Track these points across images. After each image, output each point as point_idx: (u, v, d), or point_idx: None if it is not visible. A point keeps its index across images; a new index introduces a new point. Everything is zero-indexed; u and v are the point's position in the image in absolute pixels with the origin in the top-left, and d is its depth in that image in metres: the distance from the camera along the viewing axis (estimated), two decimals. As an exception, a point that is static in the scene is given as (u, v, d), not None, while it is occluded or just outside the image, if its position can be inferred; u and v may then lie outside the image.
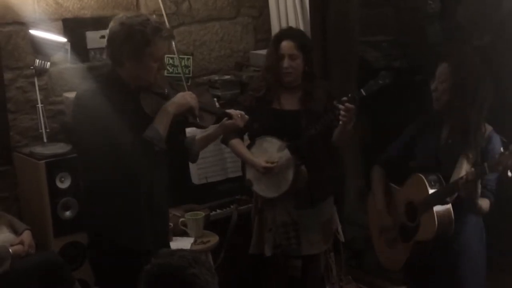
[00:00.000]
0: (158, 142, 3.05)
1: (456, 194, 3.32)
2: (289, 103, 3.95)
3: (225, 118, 3.34)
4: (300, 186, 3.90)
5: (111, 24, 3.10)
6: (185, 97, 3.16)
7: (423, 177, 3.41)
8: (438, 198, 3.35)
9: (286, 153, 3.86)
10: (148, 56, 3.04)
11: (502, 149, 3.13)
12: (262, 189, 3.97)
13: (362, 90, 3.73)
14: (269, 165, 3.86)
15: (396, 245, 3.60)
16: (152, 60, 3.06)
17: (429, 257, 3.47)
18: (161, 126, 3.07)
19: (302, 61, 3.89)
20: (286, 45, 3.88)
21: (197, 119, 3.19)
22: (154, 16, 4.32)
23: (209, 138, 3.45)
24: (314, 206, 4.01)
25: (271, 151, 3.89)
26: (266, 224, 4.01)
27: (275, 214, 3.98)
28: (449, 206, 3.35)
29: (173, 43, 4.63)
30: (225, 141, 4.05)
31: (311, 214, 4.01)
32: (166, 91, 3.16)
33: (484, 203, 3.33)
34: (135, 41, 3.01)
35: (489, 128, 3.40)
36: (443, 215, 3.34)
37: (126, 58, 3.05)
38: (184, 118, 3.19)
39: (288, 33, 4.01)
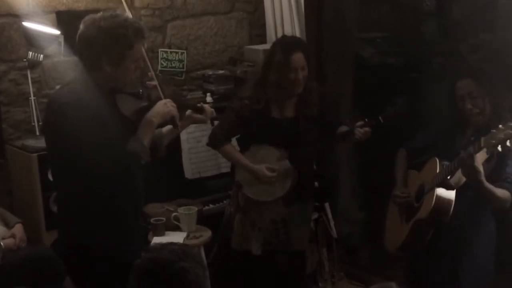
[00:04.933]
0: (144, 155, 3.00)
1: (462, 181, 3.34)
2: (286, 110, 3.93)
3: (190, 111, 3.29)
4: (292, 186, 3.92)
5: (84, 27, 2.97)
6: (167, 106, 3.08)
7: (437, 160, 3.46)
8: (441, 177, 3.38)
9: (285, 163, 3.86)
10: (129, 59, 2.98)
11: (500, 126, 3.14)
12: (253, 192, 3.94)
13: (380, 118, 3.79)
14: (273, 174, 3.85)
15: (400, 226, 3.63)
16: (132, 62, 3.00)
17: (433, 254, 3.52)
18: (145, 138, 3.01)
19: (307, 69, 3.88)
20: (298, 58, 3.80)
21: (178, 126, 3.16)
22: (128, 13, 4.28)
23: (175, 131, 3.32)
24: (302, 202, 4.02)
25: (268, 159, 3.88)
26: (251, 223, 3.98)
27: (262, 213, 3.97)
28: (453, 192, 3.36)
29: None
30: (214, 146, 3.98)
31: (299, 210, 4.02)
32: (141, 91, 3.11)
33: (501, 192, 3.31)
34: (119, 46, 2.93)
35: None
36: (442, 197, 3.37)
37: (105, 62, 2.95)
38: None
39: (296, 45, 3.90)
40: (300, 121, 3.90)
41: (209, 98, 4.81)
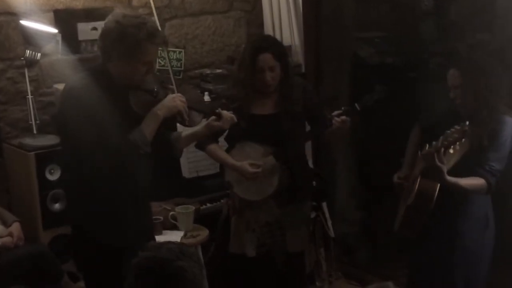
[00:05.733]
0: (143, 145, 3.06)
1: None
2: (266, 107, 3.89)
3: (212, 118, 3.34)
4: (283, 186, 3.89)
5: (107, 19, 3.08)
6: (175, 100, 3.15)
7: (427, 147, 3.48)
8: (424, 165, 3.43)
9: (271, 159, 3.82)
10: (138, 60, 3.04)
11: (456, 126, 3.22)
12: (243, 191, 3.91)
13: (356, 105, 3.75)
14: (256, 170, 3.80)
15: (403, 206, 3.66)
16: (141, 63, 3.06)
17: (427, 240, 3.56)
18: (148, 129, 3.08)
19: (280, 69, 3.82)
20: (265, 58, 3.75)
21: (186, 122, 3.20)
22: (154, 18, 4.33)
23: (194, 136, 3.43)
24: (297, 203, 3.99)
25: (254, 156, 3.84)
26: (246, 224, 3.96)
27: (257, 215, 3.93)
28: (436, 184, 3.39)
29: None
30: (200, 147, 3.93)
31: (294, 211, 3.98)
32: (155, 89, 3.16)
33: (469, 183, 3.37)
34: (126, 43, 3.00)
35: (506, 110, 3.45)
36: (425, 187, 3.40)
37: (115, 56, 3.04)
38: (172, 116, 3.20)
39: (264, 45, 3.84)
40: (281, 117, 3.86)
41: (206, 97, 4.80)
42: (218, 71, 5.08)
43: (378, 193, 5.08)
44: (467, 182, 3.36)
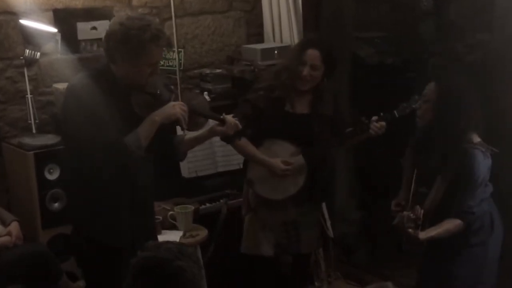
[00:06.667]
0: (136, 149, 3.06)
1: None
2: (300, 106, 3.88)
3: (216, 123, 3.35)
4: (305, 186, 3.90)
5: (112, 21, 3.11)
6: (175, 108, 3.14)
7: (414, 176, 3.56)
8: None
9: (299, 159, 3.83)
10: (142, 61, 3.05)
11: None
12: (265, 190, 3.91)
13: (395, 112, 3.80)
14: (288, 167, 3.82)
15: None
16: (146, 66, 3.07)
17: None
18: (143, 134, 3.08)
19: (322, 73, 3.82)
20: (311, 54, 3.77)
21: (184, 131, 3.22)
22: (157, 20, 4.33)
23: (197, 140, 3.45)
24: (313, 204, 4.00)
25: (282, 154, 3.85)
26: (262, 224, 3.96)
27: (273, 214, 3.94)
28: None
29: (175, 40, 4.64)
30: (228, 140, 3.88)
31: (310, 211, 4.00)
32: (159, 92, 3.16)
33: (445, 227, 3.43)
34: (130, 45, 3.01)
35: (475, 140, 3.44)
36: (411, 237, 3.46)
37: (119, 58, 3.06)
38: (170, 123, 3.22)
39: (317, 42, 3.89)
40: (313, 118, 3.86)
41: (206, 97, 4.79)
42: (218, 71, 5.07)
43: (378, 193, 5.09)
44: (442, 230, 3.42)
